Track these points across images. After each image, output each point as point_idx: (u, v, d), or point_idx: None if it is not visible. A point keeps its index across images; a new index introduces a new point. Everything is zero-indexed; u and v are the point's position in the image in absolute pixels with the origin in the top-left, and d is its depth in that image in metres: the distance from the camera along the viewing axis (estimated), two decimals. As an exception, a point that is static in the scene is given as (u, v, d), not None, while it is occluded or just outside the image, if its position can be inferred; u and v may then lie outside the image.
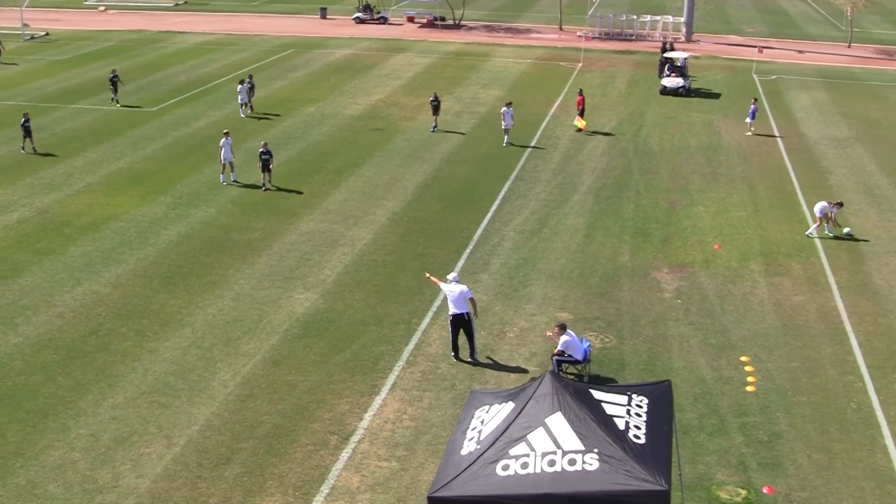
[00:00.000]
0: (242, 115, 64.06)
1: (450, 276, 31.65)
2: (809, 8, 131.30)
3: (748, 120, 62.10)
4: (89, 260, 40.01)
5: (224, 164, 49.30)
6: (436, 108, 60.82)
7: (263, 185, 49.63)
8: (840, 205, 43.00)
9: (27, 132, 55.74)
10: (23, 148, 56.24)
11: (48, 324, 34.34)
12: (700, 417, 28.21)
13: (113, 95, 68.04)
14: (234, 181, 49.51)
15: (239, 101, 64.10)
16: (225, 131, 49.78)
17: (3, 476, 25.73)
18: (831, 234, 42.70)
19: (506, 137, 57.62)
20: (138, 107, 67.22)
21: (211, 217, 44.96)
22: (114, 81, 67.83)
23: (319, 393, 29.77)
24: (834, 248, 41.45)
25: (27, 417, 28.45)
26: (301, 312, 35.18)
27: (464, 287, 31.37)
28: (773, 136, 59.87)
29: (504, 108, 57.56)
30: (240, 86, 64.09)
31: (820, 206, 42.72)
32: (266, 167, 49.38)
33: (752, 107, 62.76)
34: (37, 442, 27.26)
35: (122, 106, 67.25)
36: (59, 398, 29.48)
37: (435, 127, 60.88)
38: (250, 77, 66.46)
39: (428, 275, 34.59)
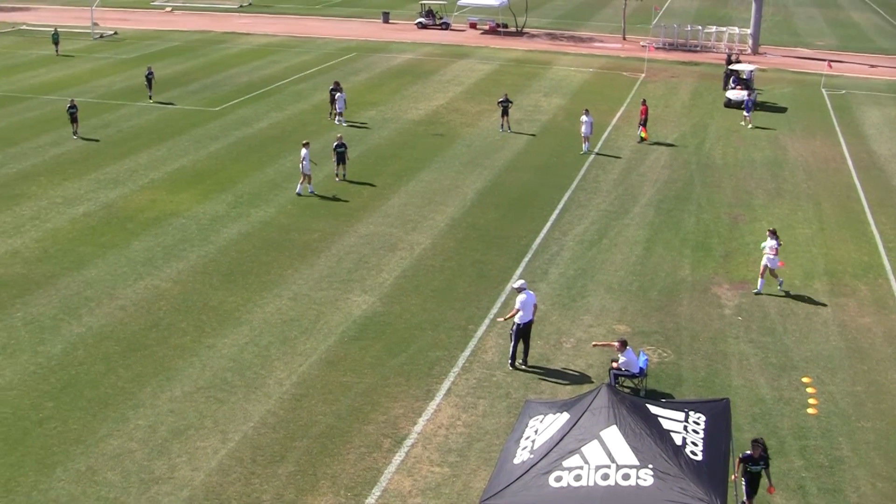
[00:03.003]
0: (340, 122, 63.38)
1: (517, 284, 31.73)
2: (883, 21, 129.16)
3: (745, 114, 63.89)
4: (151, 255, 40.39)
5: (305, 175, 48.53)
6: (505, 110, 60.99)
7: (336, 175, 50.88)
8: (773, 233, 38.26)
9: (73, 117, 58.52)
10: (74, 133, 58.78)
11: (110, 316, 34.75)
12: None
13: (149, 92, 69.14)
14: (311, 193, 48.83)
15: (337, 109, 63.58)
16: (305, 142, 49.13)
17: (64, 461, 26.25)
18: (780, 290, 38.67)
19: (584, 145, 57.71)
20: (171, 104, 68.04)
21: (271, 217, 45.20)
22: (149, 78, 68.94)
23: (374, 395, 29.83)
24: (899, 270, 41.00)
25: (88, 406, 28.89)
26: (358, 314, 35.27)
27: (532, 293, 31.70)
28: (842, 152, 59.14)
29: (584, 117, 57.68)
30: (339, 94, 63.47)
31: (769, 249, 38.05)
32: (341, 159, 50.65)
33: (747, 98, 63.99)
34: (97, 430, 27.67)
35: (156, 102, 68.29)
36: (119, 389, 29.85)
37: (504, 128, 61.42)
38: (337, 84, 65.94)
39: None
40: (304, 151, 47.99)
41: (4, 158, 54.27)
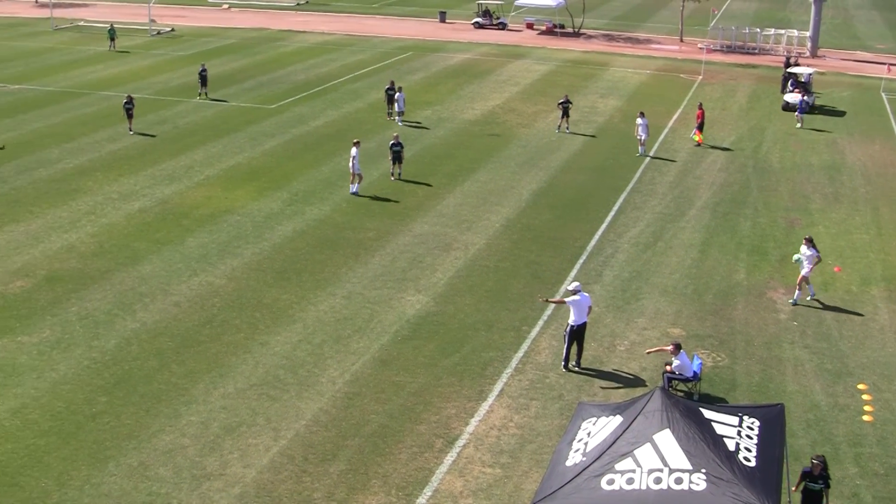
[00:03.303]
0: (399, 122, 63.03)
1: (572, 287, 31.57)
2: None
3: (797, 114, 65.27)
4: (206, 251, 40.62)
5: (354, 175, 48.32)
6: (566, 111, 60.99)
7: (392, 174, 51.01)
8: (810, 242, 37.02)
9: (129, 113, 59.53)
10: (130, 129, 59.65)
11: (164, 312, 34.98)
12: (813, 444, 27.58)
13: (200, 89, 69.63)
14: (353, 194, 48.42)
15: (398, 109, 63.17)
16: (355, 141, 48.94)
17: (116, 456, 26.42)
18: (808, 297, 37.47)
19: (640, 148, 57.16)
20: (219, 102, 68.49)
21: (325, 215, 45.33)
22: (203, 76, 69.32)
23: (426, 395, 29.83)
24: (957, 276, 40.38)
25: (141, 401, 29.08)
26: (412, 314, 35.28)
27: (587, 295, 31.57)
28: (897, 159, 58.51)
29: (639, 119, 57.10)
30: (398, 94, 63.08)
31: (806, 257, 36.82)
32: (397, 158, 50.70)
33: (800, 99, 65.21)
34: (149, 425, 27.84)
35: (210, 99, 68.83)
36: (172, 385, 30.03)
37: (563, 128, 61.50)
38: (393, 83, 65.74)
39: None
40: (353, 150, 47.89)
41: (61, 154, 54.84)
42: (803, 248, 36.64)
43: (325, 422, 28.28)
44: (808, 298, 37.16)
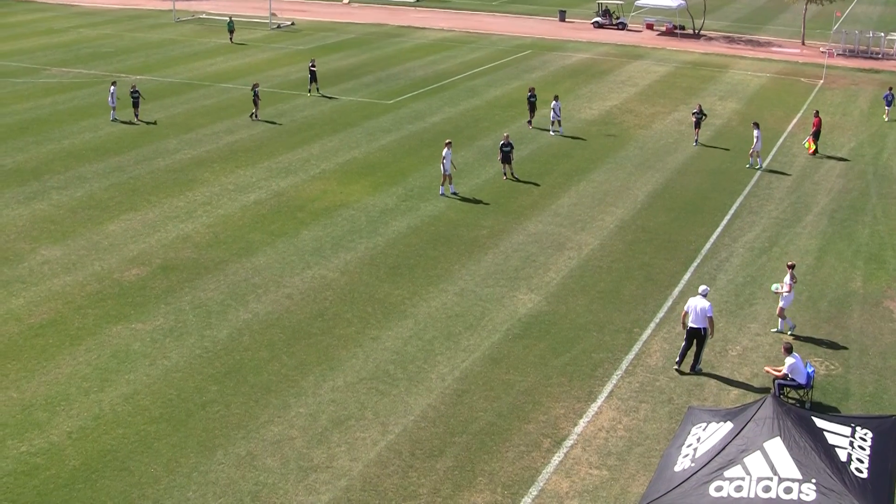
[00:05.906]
0: (559, 132, 61.00)
1: (701, 290, 31.37)
2: None
3: (886, 107, 67.30)
4: (320, 245, 41.03)
5: (445, 176, 47.98)
6: (698, 122, 59.40)
7: (504, 173, 51.00)
8: (792, 268, 34.60)
9: (255, 102, 61.54)
10: (255, 116, 61.81)
11: (277, 303, 35.41)
12: (927, 456, 27.05)
13: (310, 85, 70.11)
14: (454, 194, 48.28)
15: (552, 118, 60.84)
16: (447, 141, 48.40)
17: (225, 445, 26.80)
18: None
19: (751, 160, 55.31)
20: (336, 98, 69.01)
21: (440, 211, 45.49)
22: (312, 72, 69.84)
23: (536, 395, 29.78)
24: None
25: (251, 392, 29.46)
26: (523, 313, 35.25)
27: (707, 303, 31.02)
28: None
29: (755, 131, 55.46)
30: (554, 102, 60.73)
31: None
32: (507, 159, 50.56)
33: (887, 93, 67.40)
34: (258, 416, 28.20)
35: (321, 95, 69.39)
36: (283, 376, 30.38)
37: (697, 142, 59.92)
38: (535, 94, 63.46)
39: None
40: (445, 151, 47.51)
41: (179, 144, 55.87)
42: (787, 278, 34.24)
43: (433, 418, 28.40)
44: (788, 332, 34.89)
